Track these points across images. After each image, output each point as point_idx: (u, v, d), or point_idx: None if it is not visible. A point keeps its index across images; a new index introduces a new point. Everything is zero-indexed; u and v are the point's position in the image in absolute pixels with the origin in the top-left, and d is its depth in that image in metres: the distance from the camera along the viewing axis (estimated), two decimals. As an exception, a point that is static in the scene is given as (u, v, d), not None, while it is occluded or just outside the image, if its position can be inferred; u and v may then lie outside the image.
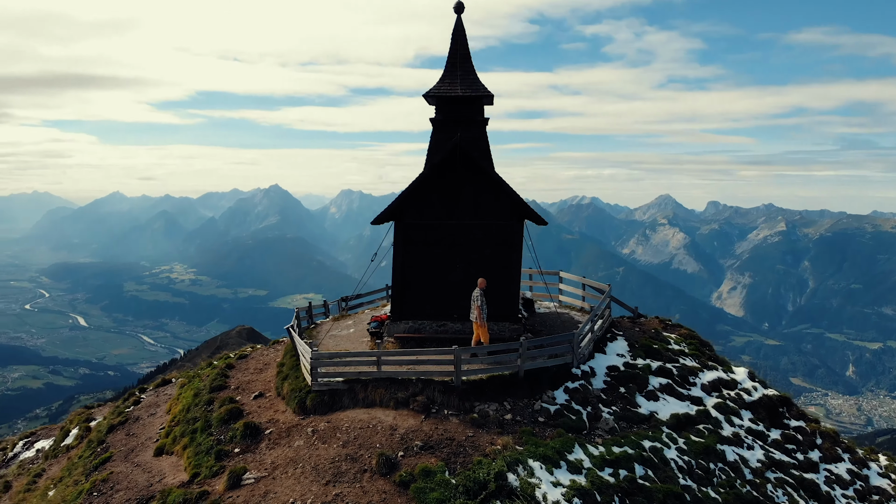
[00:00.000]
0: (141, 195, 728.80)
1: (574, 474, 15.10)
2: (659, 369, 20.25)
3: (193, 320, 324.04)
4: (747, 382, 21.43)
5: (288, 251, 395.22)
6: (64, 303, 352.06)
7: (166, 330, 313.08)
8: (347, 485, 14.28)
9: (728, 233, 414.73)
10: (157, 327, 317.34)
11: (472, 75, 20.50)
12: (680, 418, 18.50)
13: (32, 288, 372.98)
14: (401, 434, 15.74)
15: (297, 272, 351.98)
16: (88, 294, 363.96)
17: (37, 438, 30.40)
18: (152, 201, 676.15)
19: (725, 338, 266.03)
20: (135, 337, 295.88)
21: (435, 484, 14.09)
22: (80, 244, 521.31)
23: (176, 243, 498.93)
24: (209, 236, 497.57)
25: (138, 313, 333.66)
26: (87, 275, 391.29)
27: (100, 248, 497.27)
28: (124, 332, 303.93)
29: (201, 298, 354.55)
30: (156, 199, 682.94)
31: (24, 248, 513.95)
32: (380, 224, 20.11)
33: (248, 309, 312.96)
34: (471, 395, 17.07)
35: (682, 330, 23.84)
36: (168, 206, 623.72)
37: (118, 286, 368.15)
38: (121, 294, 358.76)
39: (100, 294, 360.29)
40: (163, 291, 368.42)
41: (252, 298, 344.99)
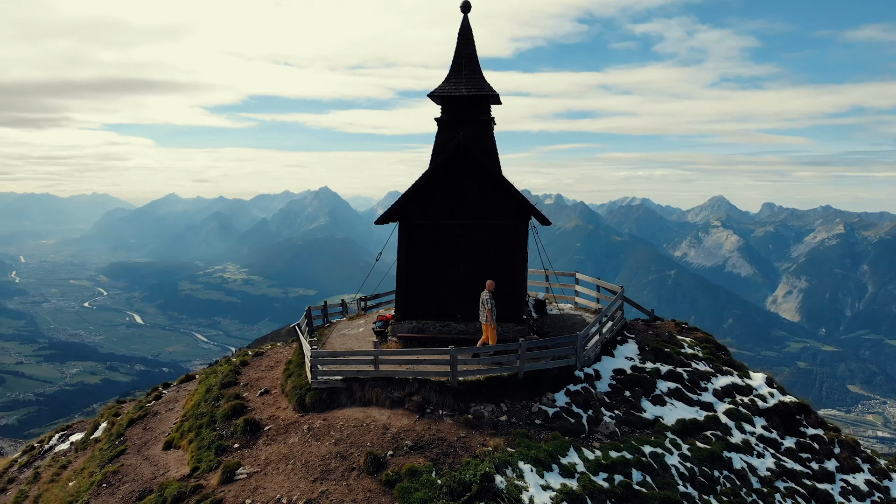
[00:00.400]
0: (195, 197, 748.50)
1: (566, 478, 14.87)
2: (668, 373, 19.77)
3: (245, 319, 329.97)
4: (764, 388, 20.75)
5: (336, 252, 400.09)
6: (121, 301, 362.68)
7: (219, 328, 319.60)
8: (334, 482, 14.36)
9: (784, 235, 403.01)
10: (211, 325, 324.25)
11: (478, 75, 20.39)
12: (686, 424, 18.03)
13: (91, 286, 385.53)
14: (392, 433, 15.75)
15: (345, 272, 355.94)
16: (145, 293, 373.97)
17: (72, 432, 31.40)
18: (206, 203, 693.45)
19: (780, 343, 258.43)
20: (189, 335, 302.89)
21: (420, 484, 14.04)
22: (136, 244, 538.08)
23: (229, 244, 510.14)
24: (261, 237, 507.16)
25: (192, 312, 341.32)
26: (144, 274, 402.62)
27: (156, 248, 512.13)
28: (178, 330, 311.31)
29: (253, 298, 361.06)
30: (210, 201, 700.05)
31: (83, 247, 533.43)
32: (384, 224, 20.18)
33: (298, 308, 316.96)
34: (467, 395, 16.97)
35: (698, 334, 23.23)
36: (221, 208, 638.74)
37: (173, 285, 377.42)
38: (175, 293, 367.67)
39: (155, 293, 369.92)
40: (216, 291, 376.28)
41: (302, 298, 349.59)
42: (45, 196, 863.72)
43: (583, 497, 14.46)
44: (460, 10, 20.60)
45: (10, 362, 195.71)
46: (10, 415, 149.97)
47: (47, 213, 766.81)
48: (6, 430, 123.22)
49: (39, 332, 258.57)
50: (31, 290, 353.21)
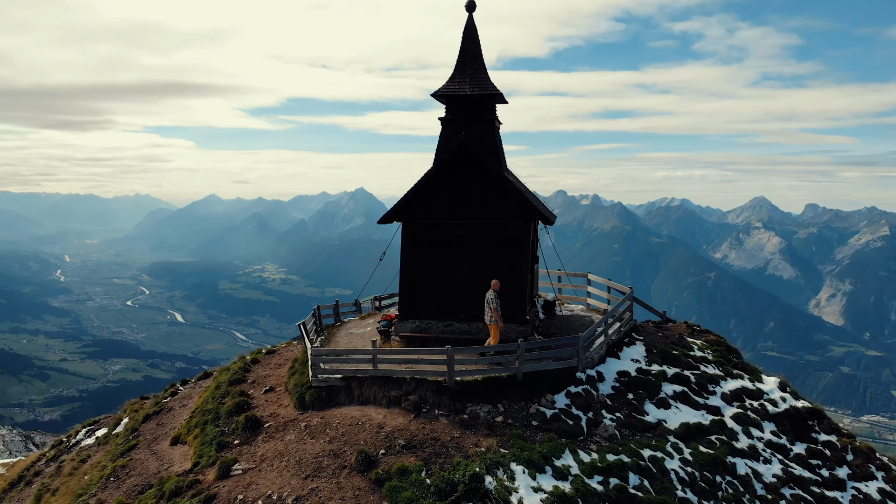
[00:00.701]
0: (235, 198, 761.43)
1: (559, 481, 14.72)
2: (675, 376, 19.45)
3: (283, 318, 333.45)
4: (776, 393, 20.28)
5: (372, 252, 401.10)
6: (163, 299, 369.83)
7: (258, 327, 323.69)
8: (325, 480, 14.47)
9: (827, 237, 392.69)
10: (249, 324, 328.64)
11: (482, 74, 20.31)
12: (690, 428, 17.70)
13: (134, 285, 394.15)
14: (387, 432, 15.80)
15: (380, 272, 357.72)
16: (185, 291, 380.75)
17: (98, 427, 32.15)
18: (246, 204, 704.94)
19: (823, 348, 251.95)
20: (228, 333, 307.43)
21: (408, 483, 14.06)
22: (178, 244, 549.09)
23: (268, 244, 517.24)
24: (299, 237, 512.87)
25: (232, 310, 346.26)
26: (185, 273, 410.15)
27: (196, 248, 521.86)
28: (218, 329, 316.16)
29: (291, 297, 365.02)
30: (249, 202, 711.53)
31: (126, 247, 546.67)
32: (387, 224, 20.23)
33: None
34: (464, 395, 16.92)
35: (710, 336, 22.80)
36: (260, 209, 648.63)
37: (213, 284, 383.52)
38: (215, 292, 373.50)
39: (196, 292, 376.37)
40: (255, 290, 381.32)
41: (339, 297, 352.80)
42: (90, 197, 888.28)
43: (574, 500, 14.31)
44: (465, 10, 20.55)
45: (55, 359, 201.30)
46: (54, 410, 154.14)
47: (92, 214, 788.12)
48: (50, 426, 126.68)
49: (83, 329, 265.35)
50: (75, 288, 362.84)
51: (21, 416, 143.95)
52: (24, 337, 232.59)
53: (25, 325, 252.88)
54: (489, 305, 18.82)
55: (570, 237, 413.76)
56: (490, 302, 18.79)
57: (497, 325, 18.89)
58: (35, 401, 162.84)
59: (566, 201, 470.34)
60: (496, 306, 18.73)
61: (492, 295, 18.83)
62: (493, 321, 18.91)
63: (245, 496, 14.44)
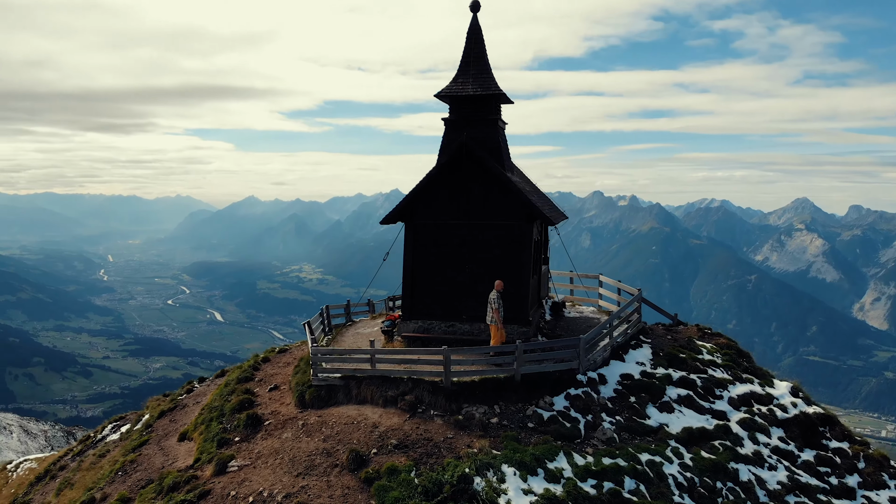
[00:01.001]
0: (273, 199, 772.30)
1: (551, 483, 14.60)
2: (680, 380, 19.12)
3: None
4: (786, 398, 19.79)
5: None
6: (202, 299, 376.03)
7: (295, 326, 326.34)
8: (316, 478, 14.61)
9: (872, 239, 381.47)
10: (287, 323, 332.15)
11: (486, 75, 20.27)
12: (693, 432, 17.38)
13: (175, 285, 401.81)
14: (380, 432, 15.86)
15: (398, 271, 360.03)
16: (225, 291, 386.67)
17: (124, 423, 32.87)
18: (284, 205, 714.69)
19: (867, 352, 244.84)
20: (266, 332, 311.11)
21: (397, 483, 14.11)
22: (218, 244, 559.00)
23: (305, 245, 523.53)
24: (335, 238, 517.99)
25: (270, 310, 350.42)
26: (224, 273, 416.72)
27: (235, 249, 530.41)
28: (256, 328, 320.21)
29: (327, 297, 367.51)
30: (287, 203, 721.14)
31: (168, 247, 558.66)
32: (390, 224, 20.31)
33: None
34: (460, 396, 16.88)
35: (721, 339, 22.34)
36: (298, 210, 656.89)
37: (252, 284, 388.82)
38: (254, 292, 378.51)
39: (235, 291, 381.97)
40: (292, 290, 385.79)
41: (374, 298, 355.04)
42: (132, 198, 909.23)
43: (565, 503, 14.19)
44: (470, 10, 20.52)
45: (98, 356, 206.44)
46: (96, 407, 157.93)
47: (134, 215, 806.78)
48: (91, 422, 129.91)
49: (126, 328, 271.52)
50: (118, 287, 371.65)
51: (64, 412, 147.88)
52: (68, 335, 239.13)
53: (69, 324, 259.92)
54: (491, 305, 18.76)
55: (606, 238, 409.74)
56: (492, 302, 18.74)
57: (498, 326, 18.82)
58: (77, 397, 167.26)
59: (603, 202, 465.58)
60: (498, 306, 18.66)
61: (494, 295, 18.77)
62: (493, 322, 18.85)
63: (237, 492, 14.64)
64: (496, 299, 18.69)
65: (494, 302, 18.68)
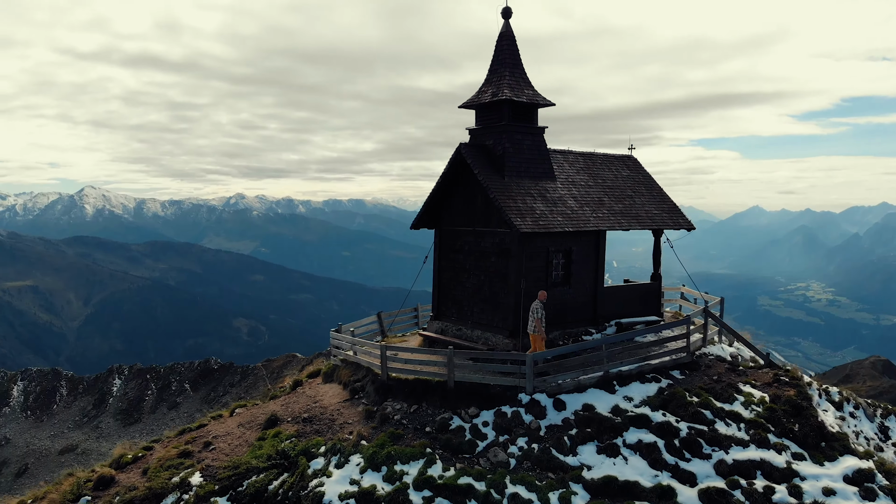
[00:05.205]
0: (780, 209, 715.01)
1: (385, 482, 15.04)
2: (660, 426, 15.70)
3: (828, 343, 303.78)
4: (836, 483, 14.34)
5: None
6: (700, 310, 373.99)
7: (798, 349, 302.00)
8: (245, 427, 18.30)
9: None
10: (789, 345, 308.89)
11: (506, 80, 19.75)
12: (615, 483, 14.55)
13: (673, 293, 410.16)
14: (313, 405, 18.39)
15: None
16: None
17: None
18: (791, 216, 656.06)
19: None
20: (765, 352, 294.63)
21: (268, 444, 16.72)
22: (717, 256, 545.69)
23: (814, 260, 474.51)
24: (851, 254, 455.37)
25: (770, 328, 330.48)
26: (723, 286, 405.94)
27: (736, 261, 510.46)
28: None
29: (838, 321, 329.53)
30: (795, 214, 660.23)
31: (667, 256, 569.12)
32: (416, 229, 21.52)
33: (891, 338, 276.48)
34: (390, 391, 17.82)
35: (789, 392, 16.81)
36: (807, 221, 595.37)
37: (752, 299, 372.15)
38: (754, 307, 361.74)
39: (733, 305, 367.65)
40: (797, 309, 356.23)
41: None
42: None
43: (377, 501, 14.42)
44: (502, 17, 20.27)
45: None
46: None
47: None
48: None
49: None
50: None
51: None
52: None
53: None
54: (533, 315, 18.65)
55: None
56: (534, 312, 18.61)
57: (540, 336, 18.57)
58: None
59: None
60: (540, 316, 18.45)
61: (537, 305, 18.62)
62: (534, 331, 18.66)
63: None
64: (539, 309, 18.50)
65: (537, 311, 18.51)
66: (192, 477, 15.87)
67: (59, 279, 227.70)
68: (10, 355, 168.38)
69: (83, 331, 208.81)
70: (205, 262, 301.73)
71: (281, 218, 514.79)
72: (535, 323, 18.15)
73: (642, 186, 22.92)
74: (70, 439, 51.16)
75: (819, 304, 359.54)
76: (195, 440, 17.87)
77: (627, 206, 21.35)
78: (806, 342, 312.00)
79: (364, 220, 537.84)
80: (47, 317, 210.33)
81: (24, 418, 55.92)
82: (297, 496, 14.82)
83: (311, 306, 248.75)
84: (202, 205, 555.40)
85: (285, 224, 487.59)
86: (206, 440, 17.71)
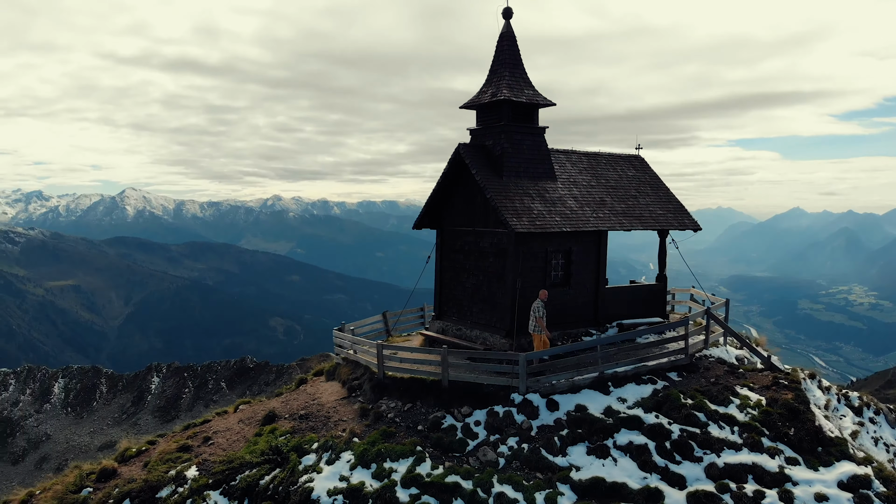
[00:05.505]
0: (821, 211, 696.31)
1: (374, 479, 15.17)
2: (652, 427, 15.56)
3: (870, 348, 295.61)
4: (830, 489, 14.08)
5: None
6: (738, 313, 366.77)
7: (839, 354, 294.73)
8: (245, 424, 18.57)
9: None
10: (830, 350, 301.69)
11: (506, 80, 19.74)
12: (603, 485, 14.48)
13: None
14: (312, 402, 18.63)
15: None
16: (762, 307, 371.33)
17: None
18: (833, 217, 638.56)
19: None
20: (805, 356, 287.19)
21: (264, 440, 17.00)
22: (757, 258, 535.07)
23: (856, 263, 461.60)
24: (895, 257, 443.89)
25: (811, 333, 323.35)
26: (763, 289, 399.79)
27: (776, 263, 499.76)
28: (795, 350, 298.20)
29: (881, 325, 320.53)
30: (836, 216, 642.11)
31: (705, 258, 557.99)
32: (419, 229, 21.62)
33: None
34: (385, 389, 17.95)
35: (787, 395, 16.48)
36: (849, 223, 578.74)
37: (792, 303, 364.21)
38: (794, 311, 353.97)
39: (773, 309, 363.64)
40: (838, 313, 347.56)
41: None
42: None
43: (366, 498, 14.59)
44: (502, 17, 20.28)
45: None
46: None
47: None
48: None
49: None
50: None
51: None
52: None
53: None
54: (534, 314, 18.69)
55: None
56: (535, 311, 18.64)
57: (540, 336, 18.59)
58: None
59: None
60: (541, 315, 18.48)
61: (538, 304, 18.66)
62: (536, 330, 18.70)
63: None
64: (539, 308, 18.53)
65: (538, 310, 18.54)
66: (189, 471, 16.25)
67: (100, 279, 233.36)
68: (52, 353, 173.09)
69: (123, 329, 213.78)
70: (242, 263, 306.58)
71: (316, 219, 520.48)
72: (538, 322, 18.15)
73: (648, 186, 22.71)
74: (109, 436, 52.44)
75: (861, 308, 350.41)
76: (196, 435, 18.29)
77: (630, 207, 21.19)
78: (847, 347, 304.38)
79: (397, 222, 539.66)
80: (89, 315, 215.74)
81: (65, 415, 57.45)
82: (287, 491, 15.07)
83: (345, 306, 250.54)
84: (240, 206, 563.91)
85: (320, 225, 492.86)
86: (206, 435, 18.11)
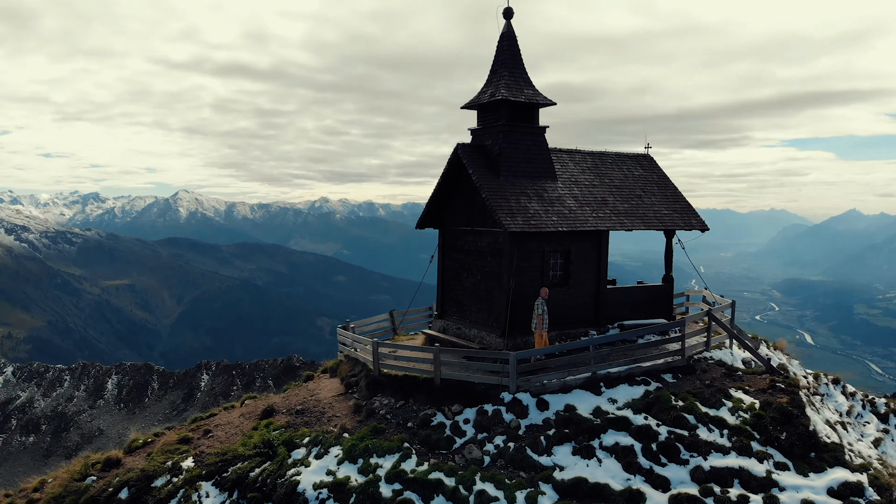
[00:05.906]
0: (878, 213, 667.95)
1: (359, 474, 15.43)
2: (639, 429, 15.36)
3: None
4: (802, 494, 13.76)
5: None
6: (792, 318, 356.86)
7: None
8: (245, 418, 19.07)
9: None
10: (887, 356, 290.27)
11: (504, 81, 19.73)
12: (585, 485, 14.39)
13: (764, 300, 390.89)
14: (310, 398, 19.03)
15: None
16: (817, 312, 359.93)
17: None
18: (890, 220, 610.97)
19: None
20: (861, 362, 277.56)
21: (259, 434, 17.39)
22: (811, 261, 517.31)
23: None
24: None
25: (868, 338, 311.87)
26: (817, 293, 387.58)
27: (831, 267, 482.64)
28: (851, 356, 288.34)
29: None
30: (894, 218, 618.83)
31: (758, 262, 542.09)
32: (422, 229, 21.78)
33: None
34: (380, 387, 18.19)
35: (782, 399, 16.08)
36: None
37: (848, 307, 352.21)
38: (850, 316, 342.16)
39: (828, 313, 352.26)
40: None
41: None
42: (725, 211, 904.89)
43: (350, 492, 14.86)
44: (503, 17, 20.29)
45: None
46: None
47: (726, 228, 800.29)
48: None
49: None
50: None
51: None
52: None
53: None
54: (535, 311, 18.75)
55: None
56: (535, 309, 18.70)
57: (540, 333, 18.66)
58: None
59: None
60: (541, 312, 18.55)
61: (539, 301, 18.72)
62: (536, 328, 18.76)
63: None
64: (540, 305, 18.59)
65: (538, 308, 18.61)
66: (185, 462, 16.77)
67: (154, 278, 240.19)
68: (107, 350, 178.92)
69: (176, 328, 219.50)
70: (291, 263, 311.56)
71: (362, 221, 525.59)
72: (537, 320, 18.19)
73: (654, 186, 22.42)
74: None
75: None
76: (198, 428, 18.84)
77: (634, 206, 20.96)
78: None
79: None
80: (142, 314, 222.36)
81: (118, 410, 59.27)
82: (274, 484, 15.42)
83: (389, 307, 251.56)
84: (289, 208, 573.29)
85: (366, 227, 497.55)
86: (207, 428, 18.64)
